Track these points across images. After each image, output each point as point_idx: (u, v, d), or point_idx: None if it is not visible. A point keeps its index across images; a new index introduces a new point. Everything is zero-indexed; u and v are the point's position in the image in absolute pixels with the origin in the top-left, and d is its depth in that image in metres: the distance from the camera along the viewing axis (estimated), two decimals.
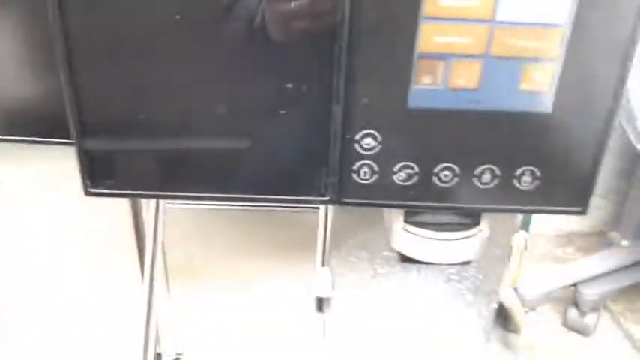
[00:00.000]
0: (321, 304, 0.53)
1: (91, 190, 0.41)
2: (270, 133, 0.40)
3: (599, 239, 1.48)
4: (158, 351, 0.77)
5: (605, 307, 1.26)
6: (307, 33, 0.36)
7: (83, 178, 0.41)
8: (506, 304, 1.18)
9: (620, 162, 1.56)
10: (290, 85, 0.37)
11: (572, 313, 1.26)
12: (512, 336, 1.23)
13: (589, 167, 0.40)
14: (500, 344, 1.23)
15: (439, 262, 0.49)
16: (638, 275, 1.24)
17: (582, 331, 1.26)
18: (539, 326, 1.28)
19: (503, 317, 1.26)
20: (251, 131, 0.39)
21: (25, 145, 0.49)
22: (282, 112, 0.38)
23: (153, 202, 0.49)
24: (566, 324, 1.28)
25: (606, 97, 0.38)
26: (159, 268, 0.58)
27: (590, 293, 1.19)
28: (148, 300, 0.57)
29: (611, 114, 0.38)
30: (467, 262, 0.52)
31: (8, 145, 0.49)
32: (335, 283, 0.55)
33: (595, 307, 1.20)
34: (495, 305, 0.71)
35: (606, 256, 1.28)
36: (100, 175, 0.42)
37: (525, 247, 1.64)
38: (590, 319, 1.20)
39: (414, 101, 0.38)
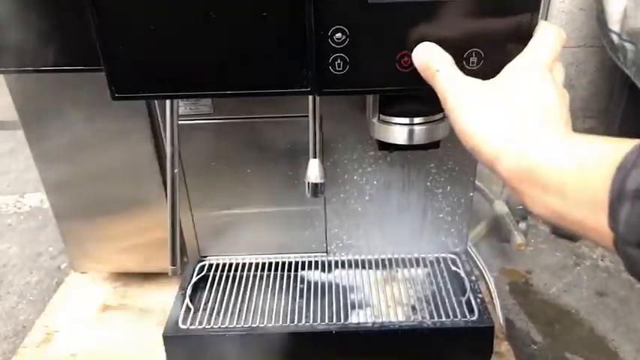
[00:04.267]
0: (315, 189, 0.62)
1: (117, 95, 0.51)
2: (255, 36, 0.48)
3: None
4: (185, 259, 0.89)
5: None
6: None
7: (110, 86, 0.50)
8: (498, 214, 1.28)
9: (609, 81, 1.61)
10: None
11: None
12: (505, 245, 1.34)
13: (525, 42, 0.48)
14: (495, 251, 1.34)
15: (410, 144, 0.58)
16: None
17: (570, 237, 1.36)
18: (530, 234, 1.38)
19: (497, 229, 1.37)
20: (239, 35, 0.48)
21: None
22: (264, 14, 0.47)
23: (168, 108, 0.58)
24: (555, 231, 1.38)
25: None
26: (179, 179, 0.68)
27: None
28: (171, 203, 0.67)
29: None
30: (436, 145, 0.61)
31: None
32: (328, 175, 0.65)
33: None
34: (472, 194, 0.80)
35: None
36: (122, 84, 0.51)
37: None
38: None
39: None
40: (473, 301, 0.76)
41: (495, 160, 0.39)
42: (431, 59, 0.46)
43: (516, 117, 0.40)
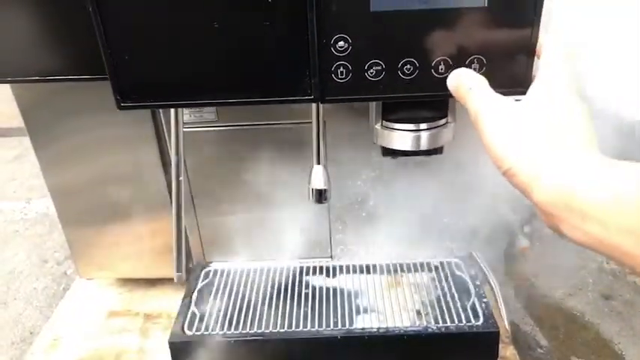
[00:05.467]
0: (319, 196, 0.63)
1: (122, 105, 0.51)
2: (259, 45, 0.48)
3: None
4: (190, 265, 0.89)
5: None
6: None
7: (115, 96, 0.51)
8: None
9: None
10: (271, 0, 0.46)
11: None
12: (510, 248, 1.33)
13: (526, 52, 0.48)
14: (499, 255, 1.33)
15: (413, 150, 0.58)
16: None
17: None
18: (535, 237, 1.38)
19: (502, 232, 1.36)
20: (243, 44, 0.48)
21: None
22: (267, 23, 0.47)
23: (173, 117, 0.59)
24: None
25: None
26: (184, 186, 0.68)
27: None
28: (177, 210, 0.67)
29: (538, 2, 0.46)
30: (439, 151, 0.62)
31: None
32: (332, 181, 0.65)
33: None
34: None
35: None
36: (127, 93, 0.51)
37: None
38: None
39: (375, 5, 0.46)
40: (478, 306, 0.76)
41: (530, 185, 0.38)
42: (465, 77, 0.46)
43: (551, 139, 0.39)
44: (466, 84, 0.46)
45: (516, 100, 0.44)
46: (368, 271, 0.86)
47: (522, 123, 0.41)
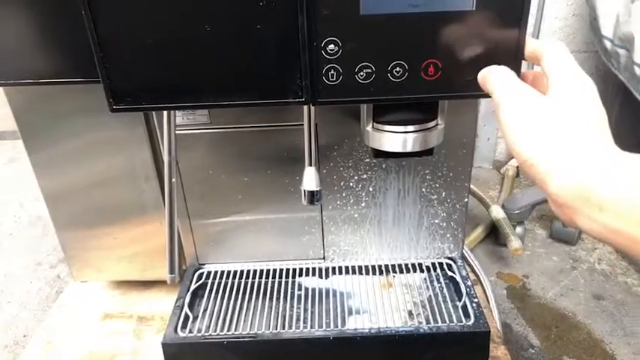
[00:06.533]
0: (312, 197, 0.63)
1: (115, 107, 0.52)
2: (251, 47, 0.49)
3: None
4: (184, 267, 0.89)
5: None
6: None
7: (108, 98, 0.51)
8: (495, 218, 1.29)
9: (602, 86, 1.63)
10: (262, 3, 0.46)
11: (557, 224, 1.36)
12: (502, 249, 1.35)
13: (513, 54, 0.49)
14: (492, 255, 1.34)
15: (404, 152, 0.59)
16: None
17: (568, 240, 1.37)
18: (528, 237, 1.39)
19: (494, 233, 1.37)
20: (235, 47, 0.49)
21: None
22: (258, 26, 0.48)
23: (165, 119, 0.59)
24: (552, 235, 1.39)
25: None
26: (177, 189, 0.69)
27: None
28: (169, 212, 0.67)
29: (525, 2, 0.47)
30: (430, 152, 0.62)
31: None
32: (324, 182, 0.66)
33: None
34: (467, 200, 0.81)
35: None
36: (119, 96, 0.52)
37: (517, 175, 1.73)
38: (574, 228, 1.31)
39: (365, 9, 0.47)
40: (469, 306, 0.77)
41: (547, 177, 0.38)
42: (492, 69, 0.47)
43: (568, 132, 0.39)
44: (494, 74, 0.46)
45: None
46: (360, 272, 0.87)
47: (541, 116, 0.41)
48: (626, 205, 0.35)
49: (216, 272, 0.88)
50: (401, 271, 0.86)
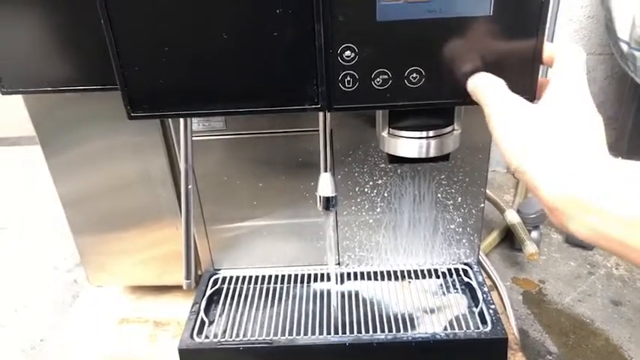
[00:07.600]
0: (327, 203, 0.63)
1: (132, 115, 0.52)
2: (267, 54, 0.49)
3: None
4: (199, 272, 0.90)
5: None
6: None
7: (126, 106, 0.52)
8: (510, 223, 1.28)
9: (618, 88, 1.61)
10: (279, 11, 0.46)
11: None
12: (517, 254, 1.33)
13: (531, 60, 0.49)
14: (507, 260, 1.33)
15: (419, 157, 0.59)
16: None
17: (584, 245, 1.35)
18: (543, 242, 1.38)
19: (510, 238, 1.36)
20: (252, 54, 0.49)
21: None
22: (275, 34, 0.48)
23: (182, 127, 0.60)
24: (568, 240, 1.37)
25: None
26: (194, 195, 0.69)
27: None
28: (186, 219, 0.68)
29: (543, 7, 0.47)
30: (446, 158, 0.62)
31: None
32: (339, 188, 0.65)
33: None
34: (483, 205, 0.80)
35: None
36: (137, 103, 0.52)
37: None
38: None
39: (381, 15, 0.47)
40: (486, 312, 0.76)
41: (538, 185, 0.39)
42: (482, 78, 0.48)
43: (559, 140, 0.40)
44: (482, 84, 0.47)
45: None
46: (375, 278, 0.87)
47: (533, 124, 0.42)
48: (613, 210, 0.35)
49: (231, 278, 0.88)
50: (417, 277, 0.86)
